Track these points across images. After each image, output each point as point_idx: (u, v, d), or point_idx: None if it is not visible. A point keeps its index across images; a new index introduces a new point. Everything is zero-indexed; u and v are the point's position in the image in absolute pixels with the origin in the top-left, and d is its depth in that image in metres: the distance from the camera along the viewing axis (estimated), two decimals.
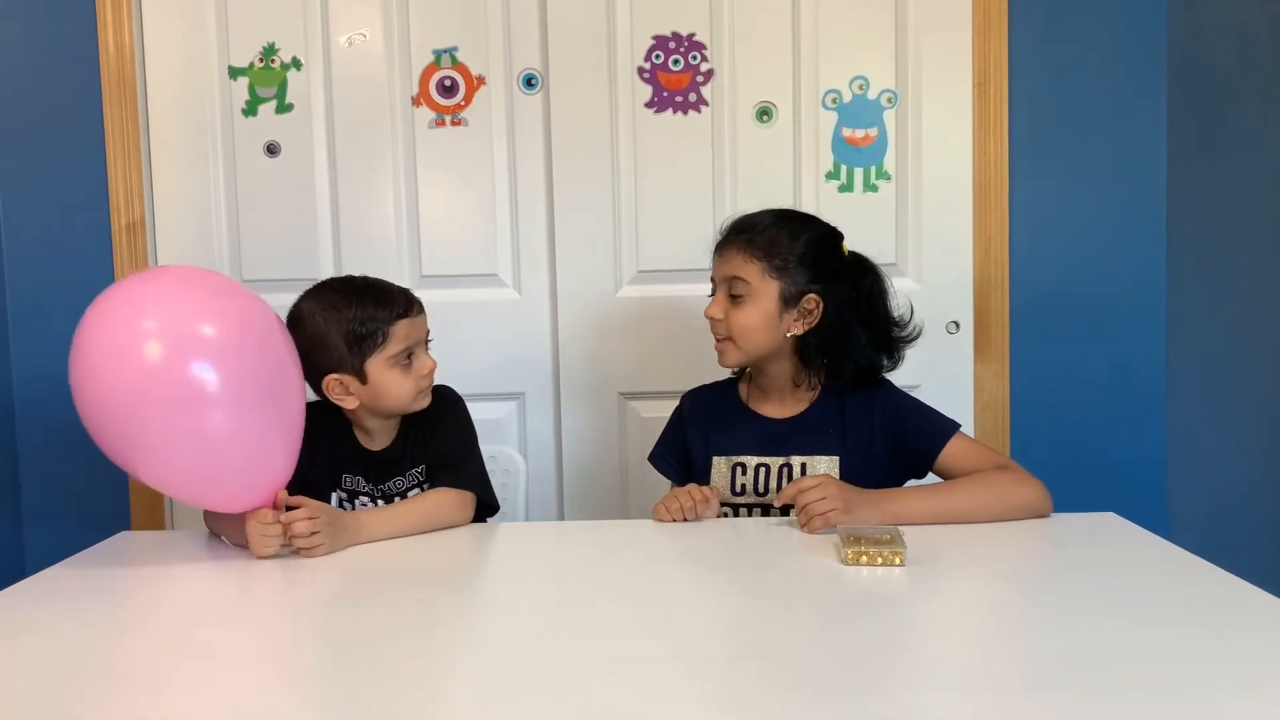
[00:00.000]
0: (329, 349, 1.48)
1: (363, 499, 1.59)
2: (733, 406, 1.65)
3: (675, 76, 2.17)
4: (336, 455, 1.58)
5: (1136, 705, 0.84)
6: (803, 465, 1.55)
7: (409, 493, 1.58)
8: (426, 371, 1.54)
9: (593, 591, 1.22)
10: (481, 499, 1.55)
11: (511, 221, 2.21)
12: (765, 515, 1.57)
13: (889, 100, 2.17)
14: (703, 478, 1.61)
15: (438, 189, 2.21)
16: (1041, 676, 0.90)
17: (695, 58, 2.17)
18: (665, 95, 2.18)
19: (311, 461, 1.49)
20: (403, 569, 1.32)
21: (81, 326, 1.29)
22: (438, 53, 2.18)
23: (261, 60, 2.19)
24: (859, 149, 2.18)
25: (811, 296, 1.54)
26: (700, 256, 1.64)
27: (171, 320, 1.28)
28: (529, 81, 2.18)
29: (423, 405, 1.55)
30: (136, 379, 1.24)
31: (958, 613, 1.13)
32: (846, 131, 2.18)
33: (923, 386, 2.14)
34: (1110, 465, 2.22)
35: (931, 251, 2.20)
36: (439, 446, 1.58)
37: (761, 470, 1.58)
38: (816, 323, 1.55)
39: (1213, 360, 2.39)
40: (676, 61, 2.17)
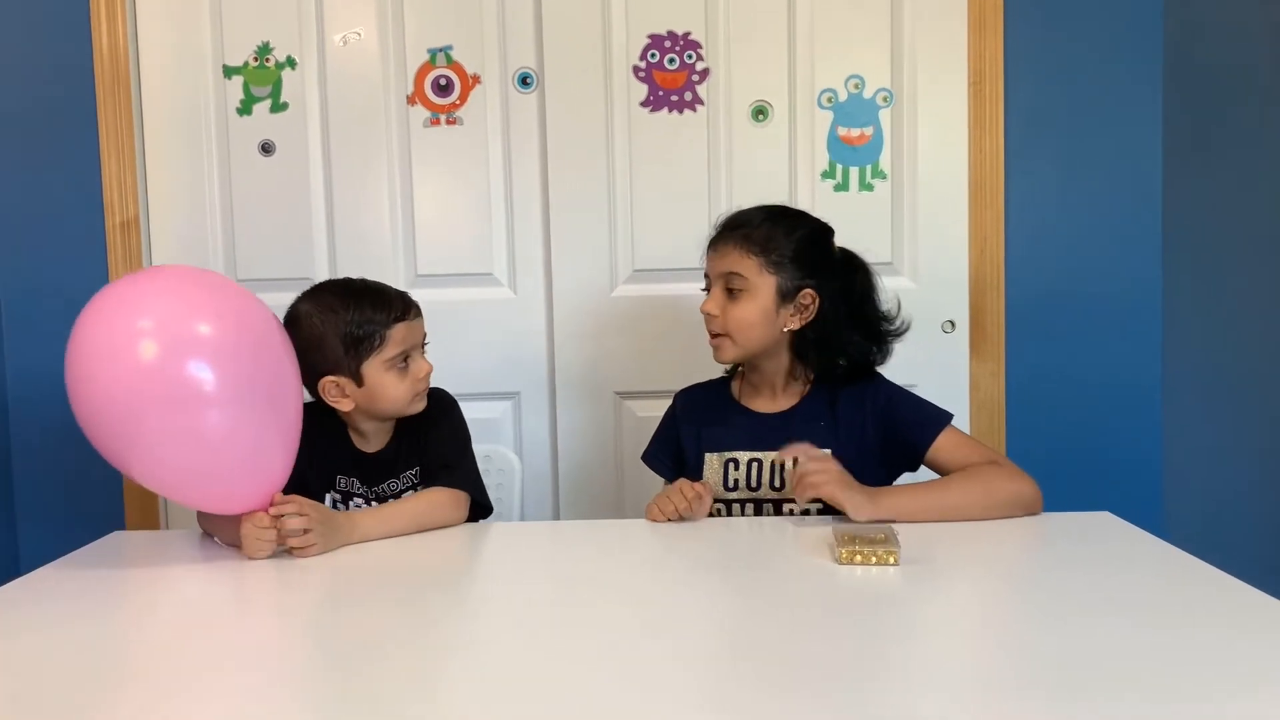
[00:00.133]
0: (326, 351, 1.47)
1: (357, 501, 1.58)
2: (725, 403, 1.65)
3: (671, 75, 2.17)
4: (331, 457, 1.58)
5: (1131, 705, 0.84)
6: (795, 459, 1.55)
7: (403, 495, 1.58)
8: (423, 375, 1.54)
9: (588, 591, 1.22)
10: (475, 500, 1.55)
11: (507, 221, 2.21)
12: (758, 510, 1.58)
13: (884, 99, 2.17)
14: (696, 475, 1.61)
15: (433, 188, 2.21)
16: (1036, 676, 0.90)
17: (691, 56, 2.17)
18: (661, 94, 2.17)
19: (307, 463, 1.49)
20: (397, 569, 1.32)
21: (76, 327, 1.28)
22: (432, 51, 2.18)
23: (256, 59, 2.19)
24: (854, 148, 2.18)
25: (808, 291, 1.54)
26: (696, 255, 1.64)
27: (167, 319, 1.27)
28: (524, 80, 2.18)
29: (418, 408, 1.55)
30: (131, 378, 1.24)
31: (952, 612, 1.13)
32: (842, 130, 2.18)
33: (919, 386, 2.13)
34: (1105, 464, 2.22)
35: (927, 250, 2.20)
36: (433, 449, 1.58)
37: (754, 465, 1.58)
38: (812, 318, 1.55)
39: (1208, 359, 2.39)
40: (672, 60, 2.17)
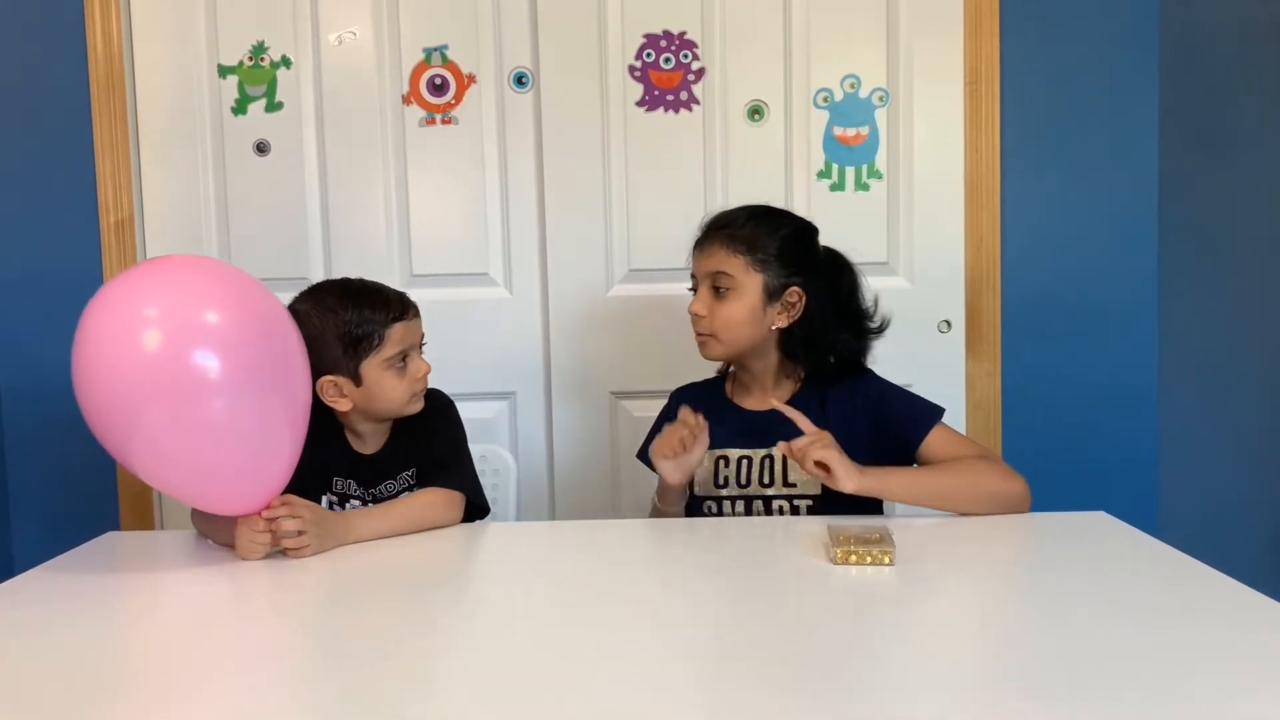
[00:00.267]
0: (324, 350, 1.47)
1: (354, 502, 1.58)
2: (718, 402, 1.66)
3: (666, 75, 2.17)
4: (328, 459, 1.57)
5: (1127, 705, 0.83)
6: (784, 456, 1.56)
7: (400, 496, 1.57)
8: (421, 375, 1.54)
9: (584, 591, 1.22)
10: (472, 501, 1.55)
11: (502, 220, 2.21)
12: (749, 506, 1.58)
13: (880, 99, 2.17)
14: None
15: (428, 188, 2.20)
16: (1032, 676, 0.90)
17: (686, 56, 2.17)
18: (656, 94, 2.17)
19: (303, 465, 1.48)
20: (393, 569, 1.32)
21: (82, 318, 1.26)
22: (428, 51, 2.18)
23: (251, 58, 2.18)
24: (850, 148, 2.18)
25: (794, 289, 1.55)
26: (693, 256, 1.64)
27: (173, 307, 1.25)
28: (520, 80, 2.18)
29: (416, 409, 1.55)
30: (134, 369, 1.22)
31: (947, 612, 1.13)
32: (838, 130, 2.18)
33: (915, 385, 2.12)
34: (1101, 464, 2.22)
35: (923, 250, 2.20)
36: (430, 449, 1.57)
37: (744, 462, 1.58)
38: (799, 316, 1.56)
39: (1204, 359, 2.39)
40: (668, 60, 2.16)
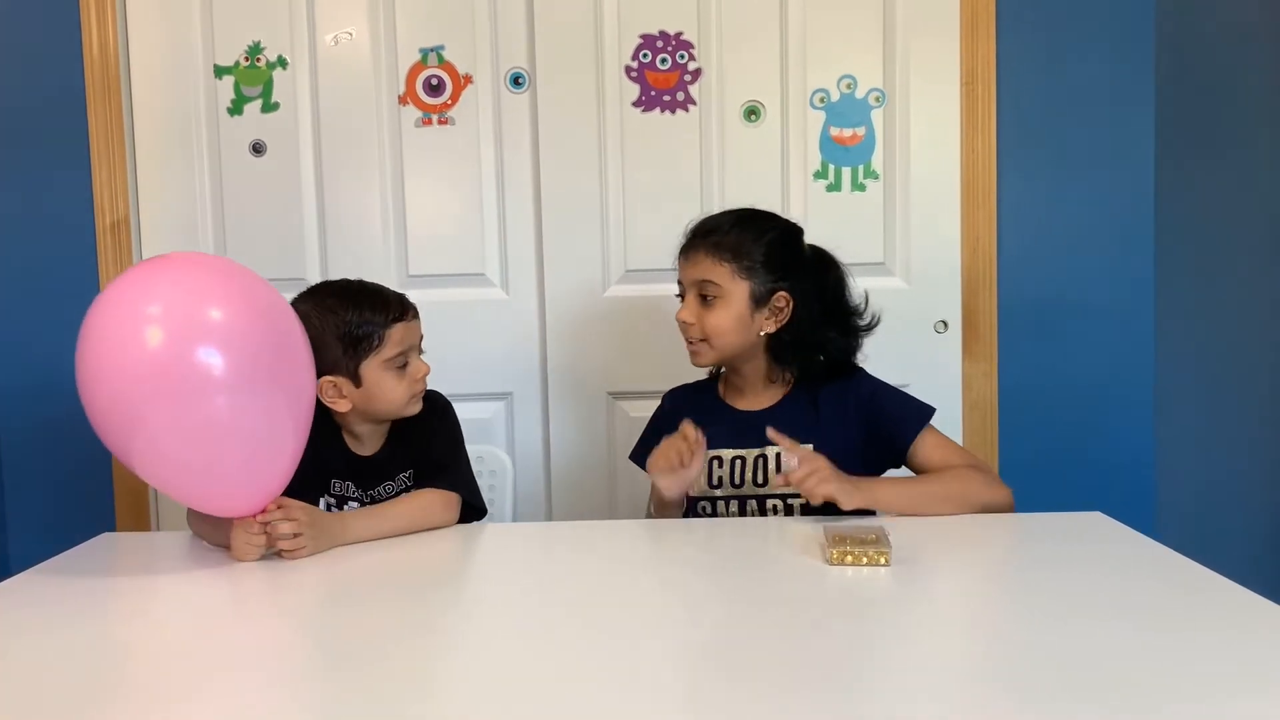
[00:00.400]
0: (324, 351, 1.47)
1: (351, 504, 1.58)
2: (711, 403, 1.67)
3: (663, 75, 2.17)
4: (325, 460, 1.57)
5: (1123, 705, 0.83)
6: (778, 455, 1.56)
7: (397, 497, 1.57)
8: (420, 376, 1.54)
9: (580, 592, 1.22)
10: (468, 502, 1.55)
11: (499, 221, 2.20)
12: (743, 507, 1.59)
13: (877, 99, 2.17)
14: None
15: (424, 188, 2.20)
16: (1027, 676, 0.90)
17: (683, 56, 2.17)
18: (653, 94, 2.17)
19: (301, 465, 1.48)
20: (391, 570, 1.32)
21: (86, 319, 1.25)
22: (424, 51, 2.17)
23: (247, 59, 2.18)
24: (847, 148, 2.18)
25: (782, 295, 1.56)
26: None
27: (176, 304, 1.24)
28: (516, 80, 2.17)
29: (415, 410, 1.55)
30: (138, 366, 1.21)
31: (943, 612, 1.13)
32: (834, 131, 2.18)
33: (911, 386, 2.13)
34: (1098, 464, 2.22)
35: (919, 251, 2.19)
36: (427, 450, 1.57)
37: (737, 463, 1.58)
38: (787, 320, 1.57)
39: (1201, 359, 2.39)
40: (664, 60, 2.16)
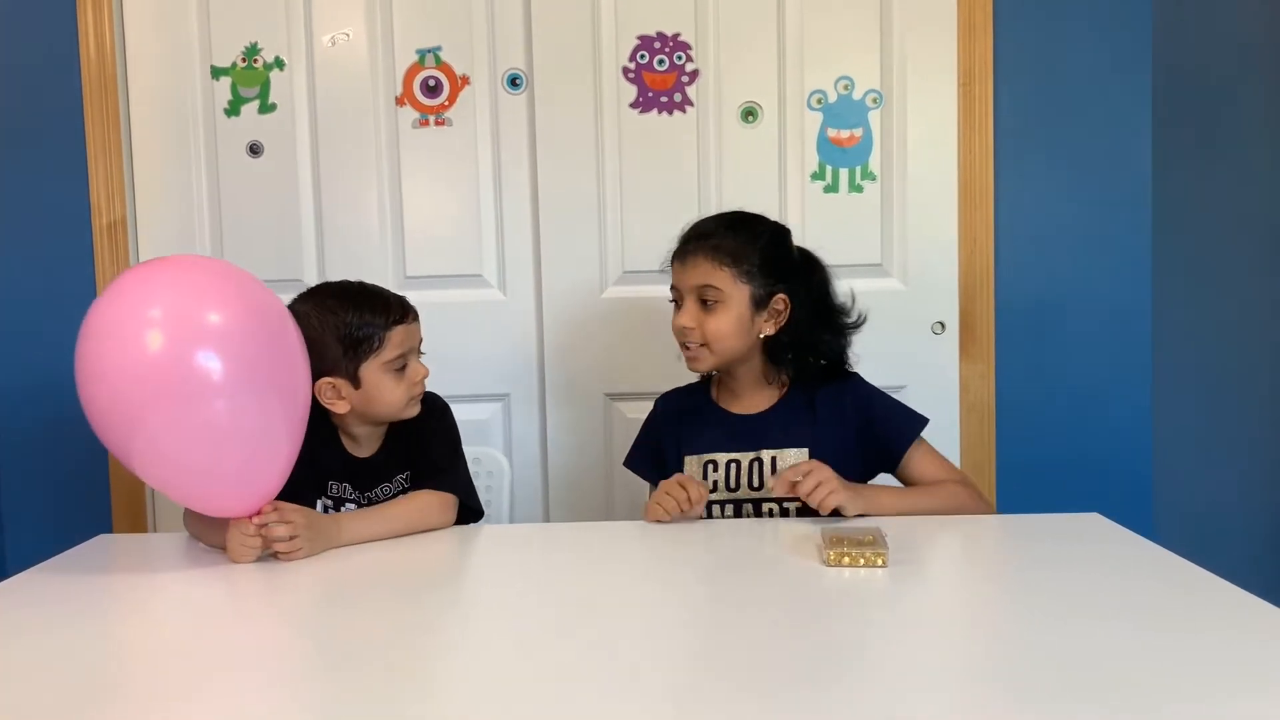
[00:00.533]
0: (323, 351, 1.47)
1: (349, 506, 1.57)
2: (704, 406, 1.67)
3: (660, 76, 2.17)
4: (323, 462, 1.56)
5: (1120, 705, 0.83)
6: (773, 459, 1.56)
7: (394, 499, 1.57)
8: (419, 379, 1.54)
9: (577, 593, 1.22)
10: (465, 503, 1.55)
11: (496, 222, 2.20)
12: (738, 510, 1.58)
13: (874, 100, 2.17)
14: None
15: (422, 189, 2.20)
16: (1024, 677, 0.90)
17: (680, 58, 2.16)
18: (650, 95, 2.17)
19: (298, 468, 1.47)
20: (387, 571, 1.31)
21: (85, 320, 1.26)
22: (421, 52, 2.17)
23: (244, 60, 2.18)
24: (844, 149, 2.18)
25: (780, 297, 1.57)
26: None
27: (175, 307, 1.25)
28: (513, 81, 2.17)
29: (413, 413, 1.55)
30: (137, 368, 1.21)
31: (941, 614, 1.13)
32: (831, 132, 2.18)
33: (908, 387, 2.14)
34: (1095, 465, 2.22)
35: (917, 252, 2.19)
36: (424, 452, 1.57)
37: (732, 466, 1.58)
38: (785, 321, 1.57)
39: (1198, 360, 2.40)
40: (661, 61, 2.16)
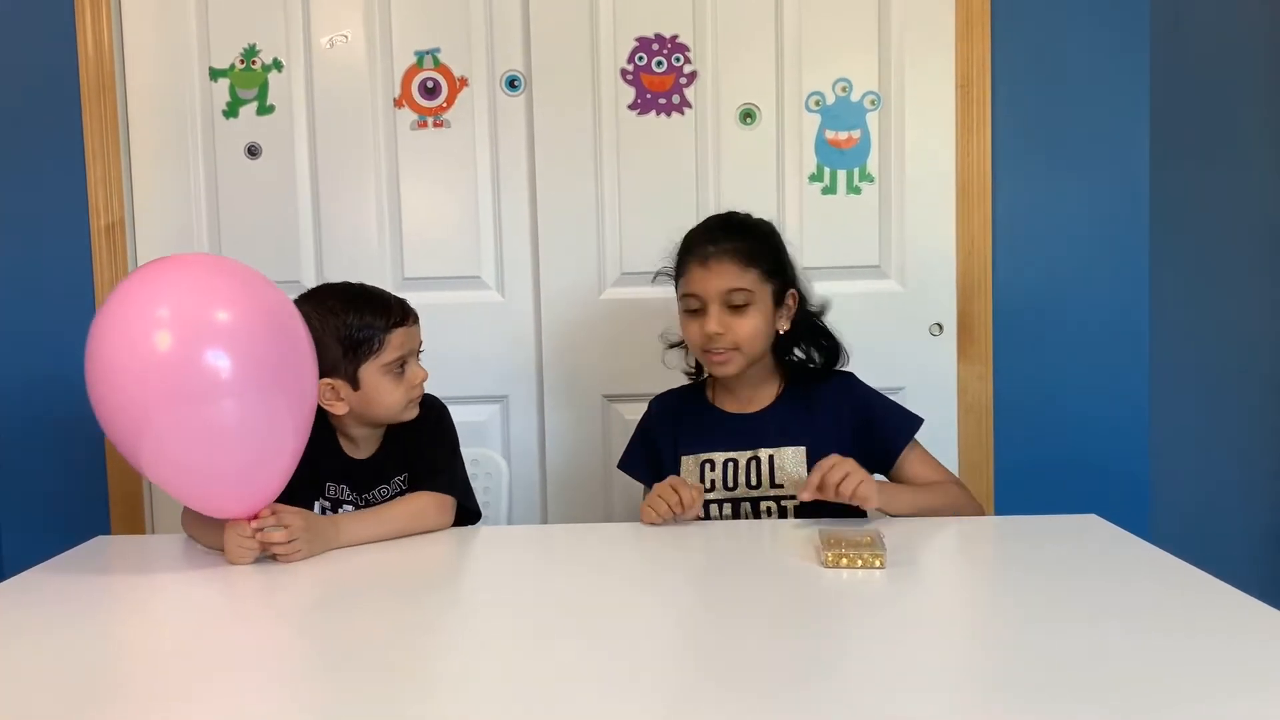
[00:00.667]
0: (323, 352, 1.47)
1: (346, 507, 1.57)
2: (700, 407, 1.67)
3: (658, 78, 2.17)
4: (321, 464, 1.57)
5: (1118, 706, 0.84)
6: (770, 457, 1.56)
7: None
8: (418, 381, 1.54)
9: (575, 594, 1.22)
10: (463, 505, 1.55)
11: (494, 223, 2.20)
12: (736, 510, 1.59)
13: (872, 102, 2.17)
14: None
15: (420, 191, 2.20)
16: (1022, 679, 0.90)
17: (678, 59, 2.17)
18: (648, 97, 2.17)
19: (295, 468, 1.47)
20: (385, 572, 1.32)
21: (96, 319, 1.26)
22: (420, 54, 2.17)
23: (242, 61, 2.18)
24: (842, 151, 2.18)
25: (792, 292, 1.59)
26: None
27: (186, 306, 1.25)
28: (512, 83, 2.17)
29: (411, 415, 1.55)
30: (144, 368, 1.22)
31: (939, 615, 1.13)
32: (830, 134, 2.18)
33: (906, 389, 2.15)
34: (1093, 467, 2.22)
35: (915, 254, 2.19)
36: (422, 454, 1.57)
37: (730, 465, 1.58)
38: (794, 316, 1.60)
39: (1196, 362, 2.40)
40: (660, 63, 2.16)
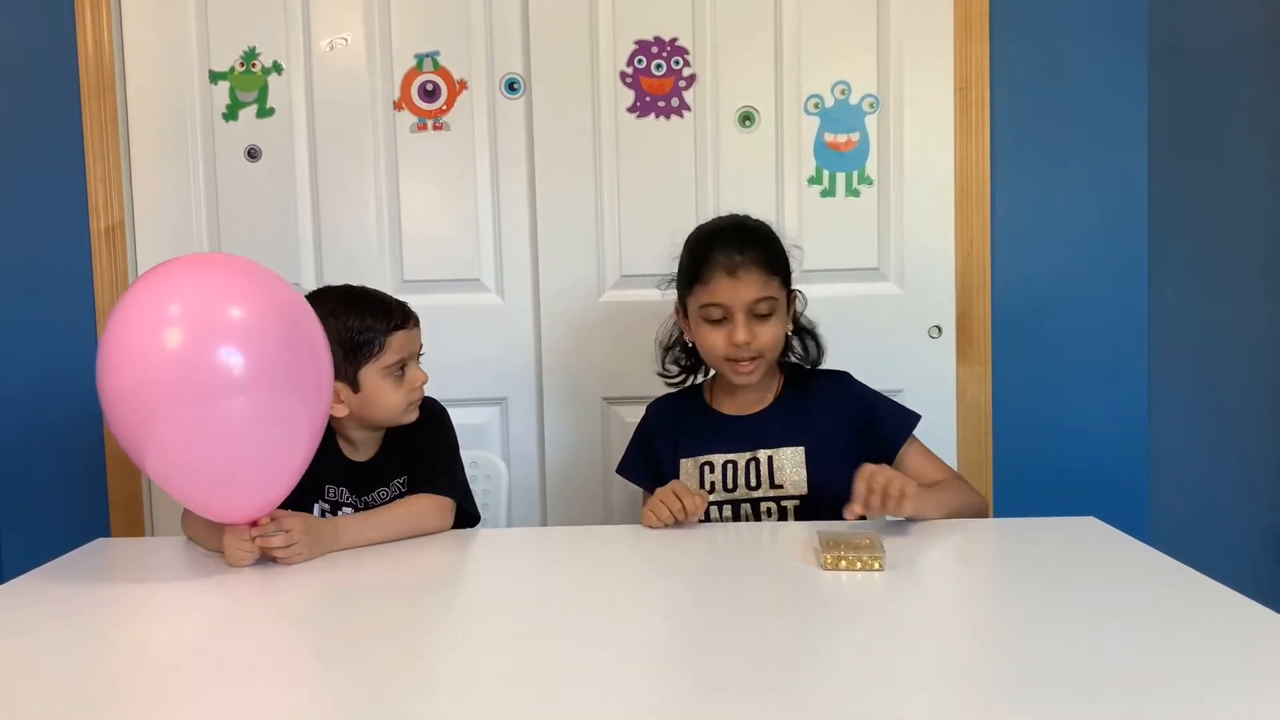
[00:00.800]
0: None
1: (345, 510, 1.58)
2: (698, 409, 1.67)
3: (658, 81, 2.17)
4: (320, 465, 1.56)
5: (1116, 708, 0.84)
6: (769, 458, 1.57)
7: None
8: (418, 384, 1.54)
9: (575, 597, 1.22)
10: (462, 508, 1.55)
11: (494, 226, 2.20)
12: (736, 511, 1.59)
13: (871, 105, 2.18)
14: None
15: (419, 194, 2.20)
16: (1021, 680, 0.90)
17: (678, 62, 2.17)
18: (648, 100, 2.17)
19: None
20: (385, 575, 1.32)
21: (110, 319, 1.26)
22: (419, 57, 2.18)
23: (242, 64, 2.18)
24: (841, 154, 2.18)
25: (797, 293, 1.62)
26: None
27: (199, 305, 1.25)
28: (511, 86, 2.18)
29: (411, 419, 1.56)
30: (151, 368, 1.21)
31: (938, 617, 1.13)
32: (829, 136, 2.18)
33: (906, 391, 2.15)
34: (1091, 469, 2.22)
35: (914, 256, 2.20)
36: (421, 456, 1.58)
37: (729, 467, 1.59)
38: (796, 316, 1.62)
39: (1194, 365, 2.40)
40: (659, 66, 2.17)
